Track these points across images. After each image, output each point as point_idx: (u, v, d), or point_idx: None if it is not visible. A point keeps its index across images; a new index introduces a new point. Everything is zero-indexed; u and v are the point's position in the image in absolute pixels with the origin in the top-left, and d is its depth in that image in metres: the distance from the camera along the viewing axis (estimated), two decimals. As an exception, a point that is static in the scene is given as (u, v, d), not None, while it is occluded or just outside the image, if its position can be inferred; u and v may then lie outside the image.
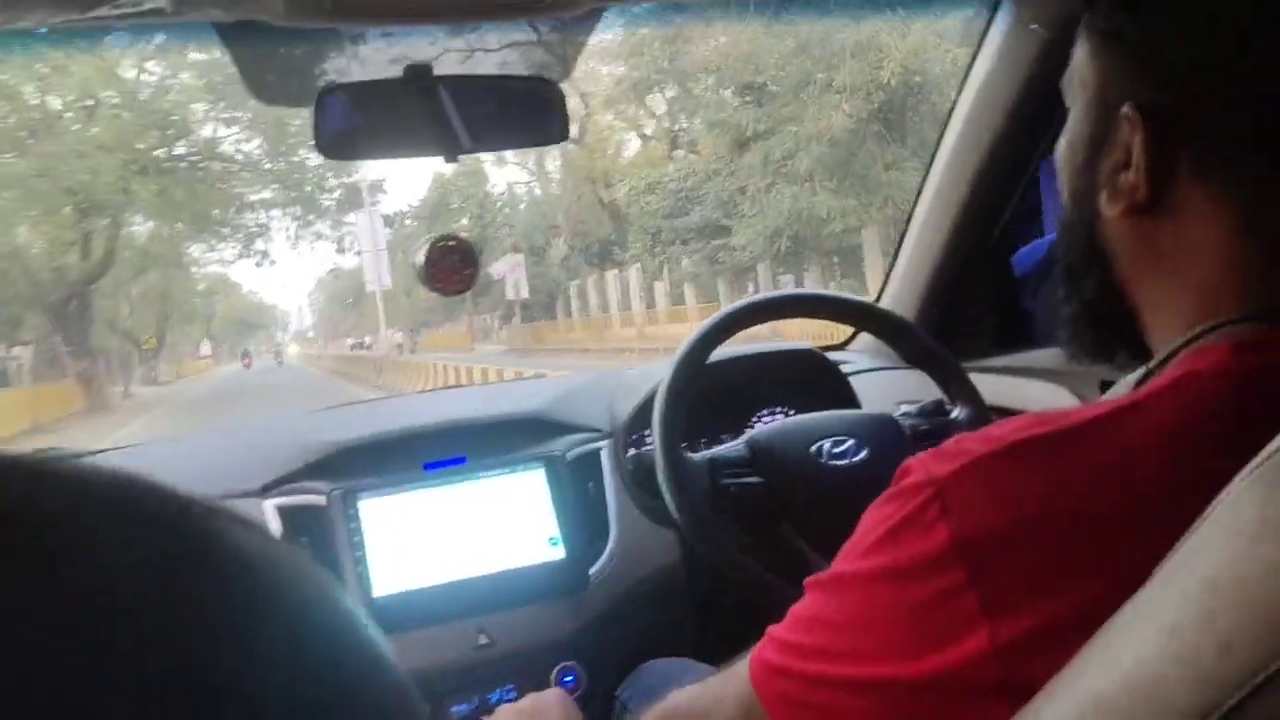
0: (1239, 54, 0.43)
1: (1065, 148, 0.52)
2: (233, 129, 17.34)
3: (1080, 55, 0.49)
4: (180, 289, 25.95)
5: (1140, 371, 0.48)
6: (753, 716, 0.47)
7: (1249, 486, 0.32)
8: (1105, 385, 1.01)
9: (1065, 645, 0.36)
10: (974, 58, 1.12)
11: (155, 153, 15.83)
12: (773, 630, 0.48)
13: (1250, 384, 0.41)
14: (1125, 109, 0.45)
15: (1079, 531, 0.39)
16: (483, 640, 1.00)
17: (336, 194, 20.12)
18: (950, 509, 0.40)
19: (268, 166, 17.94)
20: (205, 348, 39.96)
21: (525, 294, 21.06)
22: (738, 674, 0.50)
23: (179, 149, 16.68)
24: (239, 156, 17.84)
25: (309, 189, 18.80)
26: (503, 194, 26.48)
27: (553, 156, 23.93)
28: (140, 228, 18.84)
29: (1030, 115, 1.08)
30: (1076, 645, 0.35)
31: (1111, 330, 0.51)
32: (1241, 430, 0.35)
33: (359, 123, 0.88)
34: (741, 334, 1.03)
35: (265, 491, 1.02)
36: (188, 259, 23.28)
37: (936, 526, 0.40)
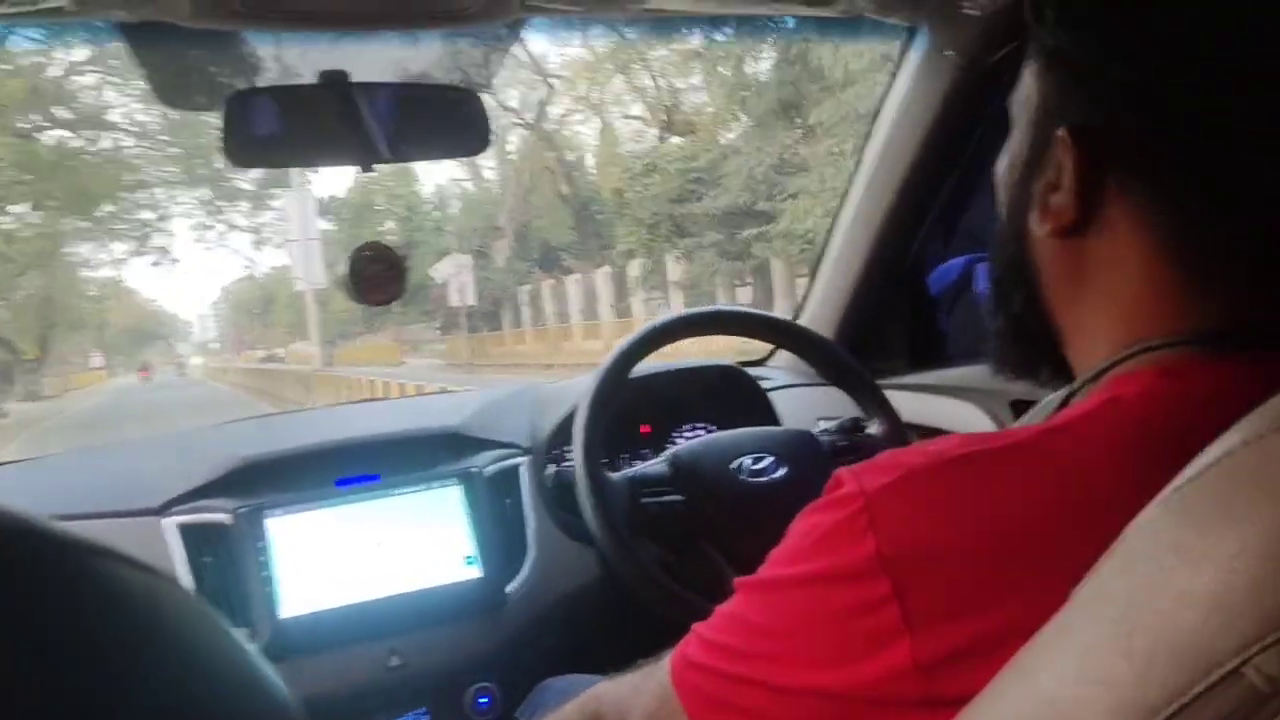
0: (1165, 75, 0.45)
1: (1005, 164, 0.55)
2: (127, 97, 15.73)
3: (1028, 74, 0.53)
4: (67, 293, 24.71)
5: (1064, 392, 0.51)
6: (669, 710, 0.50)
7: (1163, 513, 0.34)
8: (1017, 404, 1.13)
9: (990, 663, 0.37)
10: (891, 83, 1.23)
11: (21, 120, 14.03)
12: (698, 627, 0.51)
13: (1175, 411, 0.44)
14: (1060, 131, 0.48)
15: (1006, 550, 0.42)
16: (395, 662, 1.04)
17: (253, 172, 17.95)
18: (878, 522, 0.43)
19: (165, 138, 16.18)
20: (96, 359, 38.45)
21: (472, 300, 20.64)
22: (660, 667, 0.53)
23: (58, 113, 14.87)
24: (133, 129, 16.08)
25: (220, 167, 17.03)
26: (433, 194, 26.10)
27: (493, 150, 23.59)
28: (13, 219, 16.97)
29: (946, 139, 1.20)
30: (1002, 663, 0.37)
31: (1035, 348, 0.54)
32: (1165, 457, 0.37)
33: (271, 129, 0.91)
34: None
35: (165, 509, 1.03)
36: (75, 259, 21.58)
37: (864, 538, 0.43)
